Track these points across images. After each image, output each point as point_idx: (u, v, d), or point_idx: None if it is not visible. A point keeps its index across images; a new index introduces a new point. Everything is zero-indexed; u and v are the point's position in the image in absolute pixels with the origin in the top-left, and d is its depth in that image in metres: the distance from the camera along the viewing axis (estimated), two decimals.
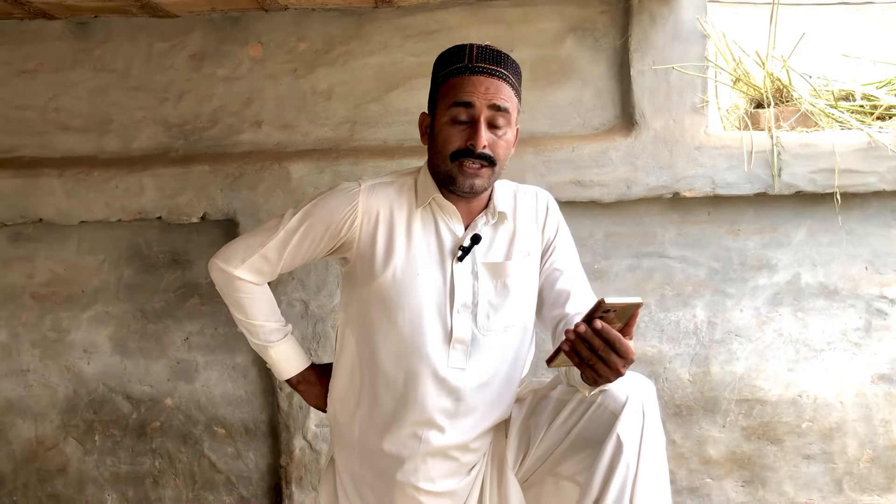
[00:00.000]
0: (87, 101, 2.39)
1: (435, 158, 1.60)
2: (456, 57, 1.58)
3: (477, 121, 1.54)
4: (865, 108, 2.36)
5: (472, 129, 1.55)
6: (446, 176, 1.59)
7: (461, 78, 1.56)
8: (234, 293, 1.72)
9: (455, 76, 1.56)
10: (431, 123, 1.62)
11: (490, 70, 1.56)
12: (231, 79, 2.38)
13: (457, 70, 1.57)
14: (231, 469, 2.46)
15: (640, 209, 2.36)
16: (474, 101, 1.54)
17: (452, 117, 1.56)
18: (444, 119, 1.57)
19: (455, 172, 1.57)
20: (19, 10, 2.23)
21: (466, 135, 1.55)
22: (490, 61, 1.56)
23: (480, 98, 1.54)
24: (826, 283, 2.38)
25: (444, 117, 1.57)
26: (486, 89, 1.54)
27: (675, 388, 2.40)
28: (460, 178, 1.57)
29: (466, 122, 1.55)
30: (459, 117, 1.55)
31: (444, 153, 1.57)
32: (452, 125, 1.56)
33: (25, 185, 2.31)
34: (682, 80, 2.28)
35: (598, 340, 1.31)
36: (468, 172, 1.56)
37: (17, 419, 2.48)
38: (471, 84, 1.54)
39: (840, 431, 2.39)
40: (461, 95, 1.54)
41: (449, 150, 1.56)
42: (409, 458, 1.63)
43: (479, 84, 1.54)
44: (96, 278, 2.44)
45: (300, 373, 1.80)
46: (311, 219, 1.65)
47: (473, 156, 1.54)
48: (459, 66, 1.56)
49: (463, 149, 1.55)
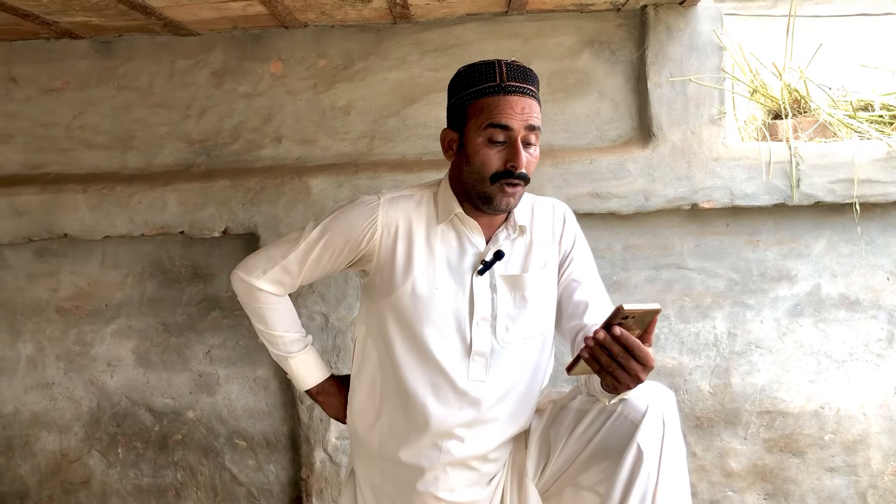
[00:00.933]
0: (110, 118, 2.44)
1: (469, 178, 1.60)
2: (485, 75, 1.57)
3: (515, 142, 1.55)
4: (885, 118, 2.35)
5: (510, 150, 1.55)
6: (483, 196, 1.59)
7: (495, 98, 1.55)
8: (255, 304, 1.75)
9: (487, 96, 1.56)
10: (462, 141, 1.61)
11: (522, 89, 1.56)
12: (252, 95, 2.41)
13: (489, 90, 1.56)
14: (252, 482, 2.48)
15: (658, 221, 2.36)
16: (511, 124, 1.54)
17: (489, 138, 1.56)
18: (479, 140, 1.57)
19: (494, 193, 1.57)
20: (46, 29, 2.28)
21: (504, 156, 1.56)
22: (520, 79, 1.57)
23: (517, 119, 1.54)
24: (847, 293, 2.36)
25: (479, 138, 1.57)
26: (522, 109, 1.55)
27: (696, 400, 2.39)
28: (498, 198, 1.58)
29: (503, 143, 1.56)
30: (496, 138, 1.55)
31: (483, 175, 1.57)
32: (490, 146, 1.56)
33: (51, 201, 2.35)
34: (700, 91, 2.28)
35: (617, 347, 1.31)
36: (507, 192, 1.57)
37: (43, 432, 2.51)
38: (507, 105, 1.54)
39: (863, 444, 2.37)
40: (500, 118, 1.54)
41: (489, 172, 1.57)
42: (430, 469, 1.64)
43: (516, 104, 1.54)
44: (120, 292, 2.47)
45: (320, 384, 1.82)
46: (331, 232, 1.66)
47: (513, 177, 1.56)
48: (492, 86, 1.56)
49: (503, 171, 1.56)
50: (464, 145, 1.60)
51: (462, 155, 1.61)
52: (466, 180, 1.61)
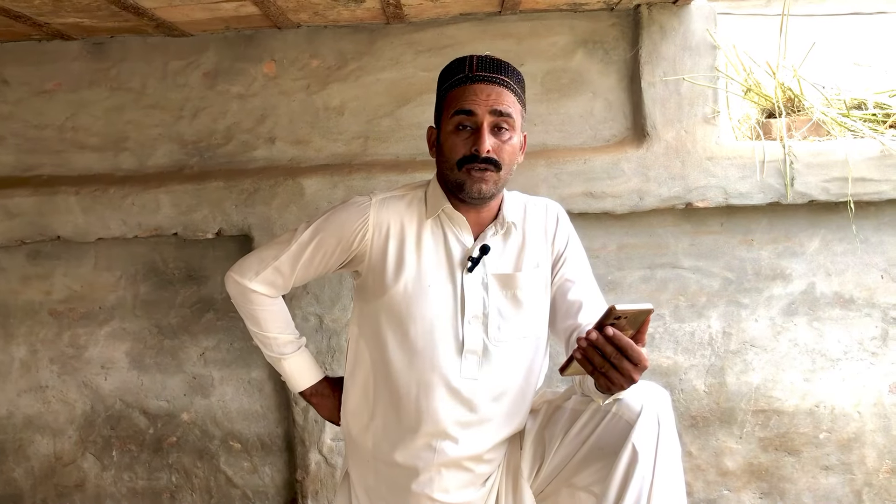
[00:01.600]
0: (103, 119, 2.43)
1: (443, 168, 1.63)
2: (457, 68, 1.61)
3: (480, 127, 1.56)
4: (878, 117, 2.35)
5: (475, 135, 1.57)
6: (455, 184, 1.60)
7: (462, 87, 1.58)
8: (249, 306, 1.74)
9: (456, 86, 1.59)
10: (438, 135, 1.65)
11: (490, 77, 1.58)
12: (245, 96, 2.40)
13: (458, 80, 1.59)
14: (247, 484, 2.47)
15: (652, 220, 2.36)
16: (475, 109, 1.56)
17: (456, 125, 1.58)
18: (448, 128, 1.60)
19: (462, 179, 1.58)
20: (37, 31, 2.27)
21: (470, 142, 1.57)
22: (489, 69, 1.59)
23: (482, 105, 1.56)
24: (841, 292, 2.36)
25: (448, 127, 1.60)
26: (488, 96, 1.56)
27: (691, 399, 2.39)
28: (468, 184, 1.58)
29: (470, 130, 1.58)
30: (463, 124, 1.58)
31: (450, 161, 1.59)
32: (456, 133, 1.58)
33: (43, 203, 2.34)
34: (693, 91, 2.28)
35: (609, 347, 1.31)
36: (475, 177, 1.57)
37: (36, 435, 2.50)
38: (472, 92, 1.57)
39: (858, 442, 2.37)
40: (463, 104, 1.57)
41: (455, 158, 1.58)
42: (424, 470, 1.63)
43: (480, 91, 1.57)
44: (113, 295, 2.46)
45: (313, 385, 1.82)
46: (323, 233, 1.66)
47: (478, 160, 1.56)
48: (460, 77, 1.59)
49: (468, 155, 1.57)
50: (439, 138, 1.64)
51: (439, 148, 1.64)
52: (441, 171, 1.64)
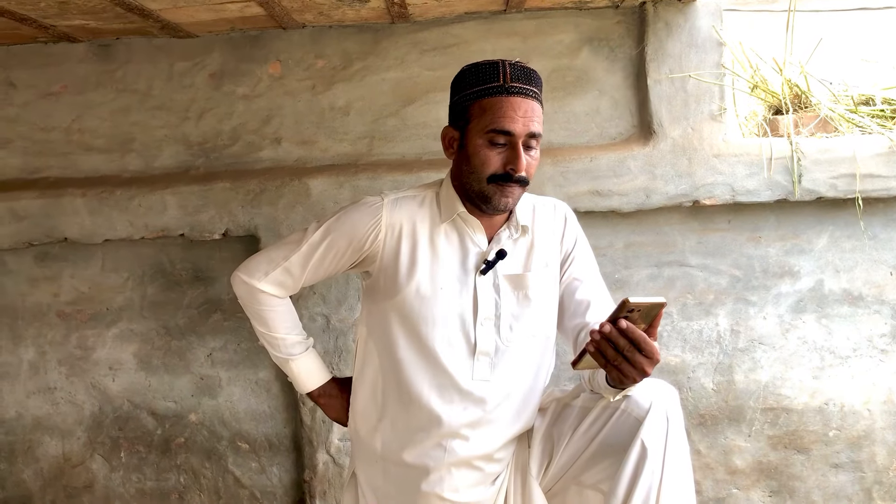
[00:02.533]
0: (109, 121, 2.43)
1: (468, 177, 1.60)
2: (489, 74, 1.57)
3: (516, 145, 1.55)
4: (886, 113, 2.34)
5: (510, 152, 1.56)
6: (480, 195, 1.59)
7: (498, 99, 1.55)
8: (257, 306, 1.74)
9: (490, 96, 1.56)
10: (462, 140, 1.61)
11: (525, 90, 1.56)
12: (251, 97, 2.40)
13: (492, 90, 1.56)
14: (255, 484, 2.47)
15: (659, 218, 2.35)
16: (515, 129, 1.54)
17: (490, 140, 1.56)
18: (480, 141, 1.57)
19: (491, 193, 1.58)
20: (43, 33, 2.27)
21: (504, 158, 1.56)
22: (524, 81, 1.57)
23: (520, 125, 1.54)
24: (850, 289, 2.35)
25: (480, 139, 1.57)
26: (525, 113, 1.54)
27: (699, 397, 2.38)
28: (496, 198, 1.58)
29: (503, 145, 1.56)
30: (497, 141, 1.56)
31: (480, 174, 1.57)
32: (490, 147, 1.56)
33: (50, 205, 2.35)
34: (700, 88, 2.28)
35: (623, 340, 1.31)
36: (506, 193, 1.57)
37: (45, 436, 2.50)
38: (510, 107, 1.54)
39: (868, 440, 2.36)
40: (502, 122, 1.54)
41: (487, 172, 1.57)
42: (434, 469, 1.63)
43: (518, 107, 1.54)
44: (121, 296, 2.47)
45: (321, 386, 1.82)
46: (335, 233, 1.66)
47: (512, 180, 1.56)
48: (495, 86, 1.56)
49: (503, 173, 1.56)
50: (464, 144, 1.60)
51: (463, 154, 1.61)
52: (465, 179, 1.61)
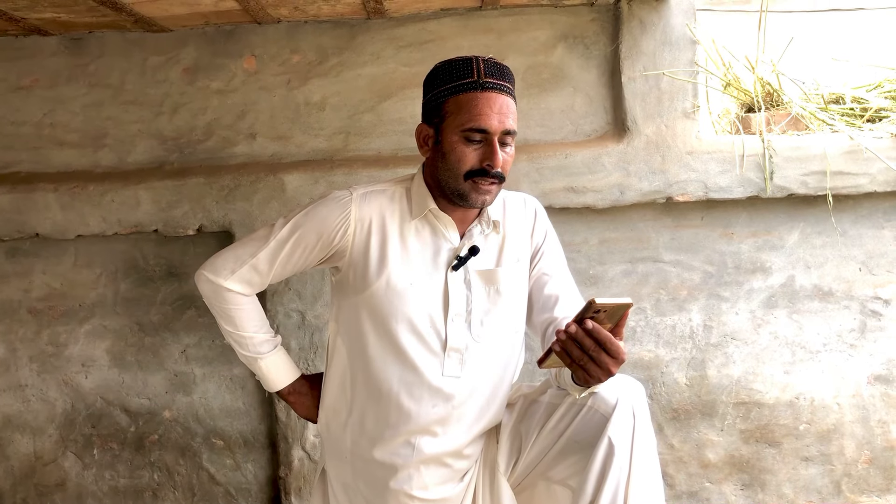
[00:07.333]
0: (82, 115, 2.41)
1: (444, 174, 1.60)
2: (462, 71, 1.57)
3: (492, 142, 1.55)
4: (856, 111, 2.37)
5: (486, 149, 1.55)
6: (457, 192, 1.59)
7: (473, 95, 1.55)
8: (223, 304, 1.72)
9: (464, 92, 1.56)
10: (437, 137, 1.61)
11: (499, 86, 1.56)
12: (225, 91, 2.39)
13: (466, 86, 1.56)
14: (230, 481, 2.46)
15: (633, 214, 2.36)
16: (490, 126, 1.54)
17: (465, 137, 1.56)
18: (455, 137, 1.57)
19: (467, 190, 1.58)
20: (14, 26, 2.25)
21: (480, 154, 1.56)
22: (497, 76, 1.57)
23: (495, 121, 1.54)
24: (820, 284, 2.38)
25: (455, 136, 1.57)
26: (500, 109, 1.55)
27: (672, 392, 2.40)
28: (473, 196, 1.58)
29: (479, 142, 1.56)
30: (473, 137, 1.56)
31: (457, 172, 1.57)
32: (466, 144, 1.56)
33: (21, 200, 2.32)
34: (673, 85, 2.29)
35: (588, 341, 1.32)
36: (482, 190, 1.57)
37: (16, 434, 2.48)
38: (485, 103, 1.54)
39: (838, 433, 2.39)
40: (478, 119, 1.54)
41: (463, 169, 1.57)
42: (403, 467, 1.63)
43: (493, 104, 1.54)
44: (93, 292, 2.45)
45: (290, 384, 1.79)
46: (303, 228, 1.65)
47: (489, 175, 1.56)
48: (469, 82, 1.56)
49: (479, 169, 1.56)
50: (440, 141, 1.60)
51: (438, 151, 1.61)
52: (441, 176, 1.61)
